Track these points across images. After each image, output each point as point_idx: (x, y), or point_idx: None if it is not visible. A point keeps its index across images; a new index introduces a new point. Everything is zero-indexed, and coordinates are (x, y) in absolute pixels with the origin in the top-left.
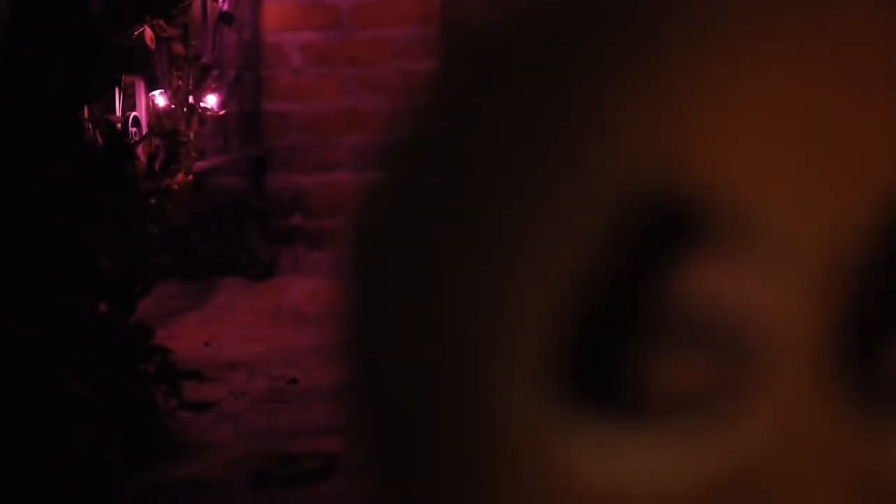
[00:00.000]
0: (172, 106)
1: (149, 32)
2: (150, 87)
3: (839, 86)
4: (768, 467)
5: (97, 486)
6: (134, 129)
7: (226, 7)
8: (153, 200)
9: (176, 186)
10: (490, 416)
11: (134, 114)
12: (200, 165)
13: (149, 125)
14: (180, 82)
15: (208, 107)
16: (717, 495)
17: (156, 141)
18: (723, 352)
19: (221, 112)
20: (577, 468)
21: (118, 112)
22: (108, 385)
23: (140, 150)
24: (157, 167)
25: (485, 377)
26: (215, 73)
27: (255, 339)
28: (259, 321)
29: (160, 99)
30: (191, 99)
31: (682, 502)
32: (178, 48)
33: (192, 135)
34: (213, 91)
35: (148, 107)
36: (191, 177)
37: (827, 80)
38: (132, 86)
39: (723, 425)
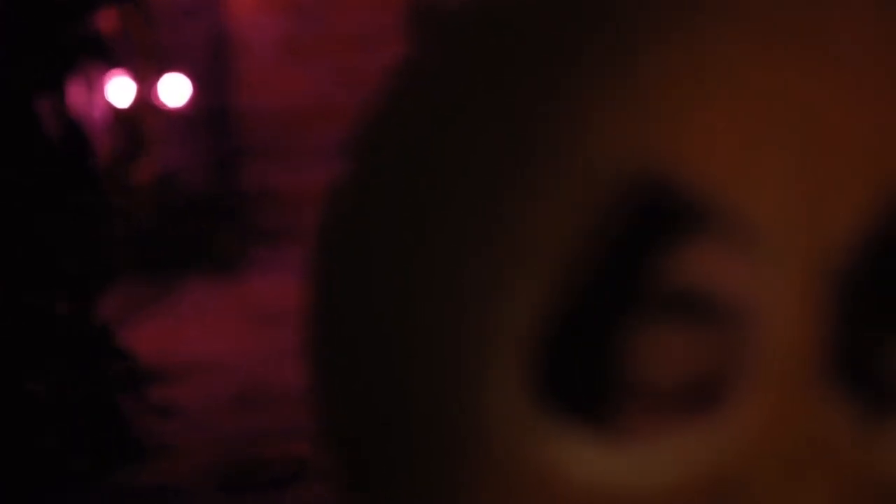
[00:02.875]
0: (135, 98)
1: (112, 19)
2: (112, 76)
3: (834, 83)
4: (757, 464)
5: (60, 491)
6: (96, 122)
7: None
8: (117, 197)
9: (140, 183)
10: (472, 416)
11: (97, 105)
12: (166, 161)
13: (111, 118)
14: (144, 73)
15: (174, 100)
16: (703, 493)
17: (118, 135)
18: (712, 343)
19: (187, 105)
20: (562, 468)
21: (77, 103)
22: (71, 387)
23: (102, 144)
24: (119, 162)
25: (466, 375)
26: (180, 64)
27: (223, 338)
28: (227, 320)
29: (122, 90)
30: (155, 91)
31: (669, 501)
32: (143, 36)
33: (155, 129)
34: (178, 83)
35: (109, 98)
36: (156, 173)
37: (820, 77)
38: (93, 75)
39: (710, 422)
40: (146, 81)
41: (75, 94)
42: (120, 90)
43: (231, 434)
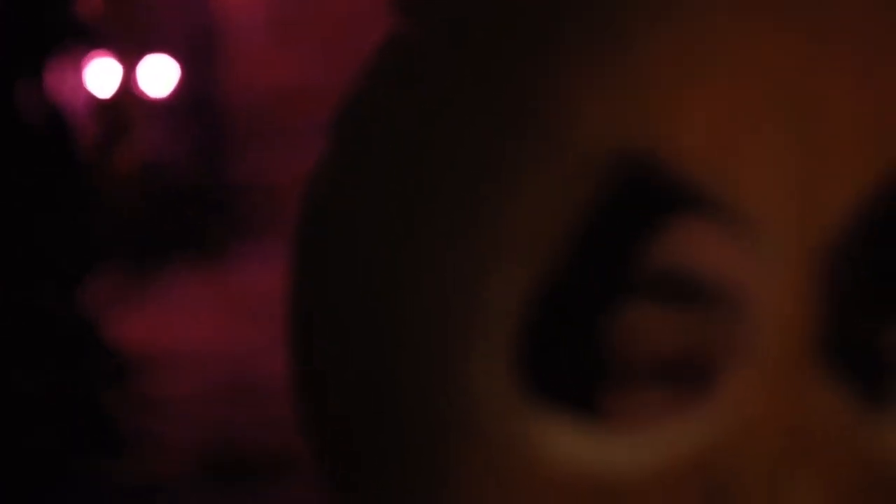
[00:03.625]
0: (119, 83)
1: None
2: (95, 60)
3: (829, 59)
4: (747, 448)
5: (45, 486)
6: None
7: None
8: (101, 185)
9: (124, 170)
10: (459, 401)
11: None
12: (151, 147)
13: (94, 103)
14: (128, 56)
15: (158, 84)
16: (691, 477)
17: (101, 121)
18: (700, 325)
19: (172, 89)
20: (548, 453)
21: (59, 89)
22: (53, 378)
23: (85, 130)
24: (103, 149)
25: (453, 360)
26: (165, 47)
27: (209, 329)
28: (213, 311)
29: (105, 74)
30: (139, 75)
31: (657, 484)
32: (126, 18)
33: (139, 114)
34: (163, 66)
35: (92, 83)
36: (141, 160)
37: (814, 53)
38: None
39: (698, 406)
40: (130, 65)
41: (56, 79)
42: (103, 74)
43: (217, 425)
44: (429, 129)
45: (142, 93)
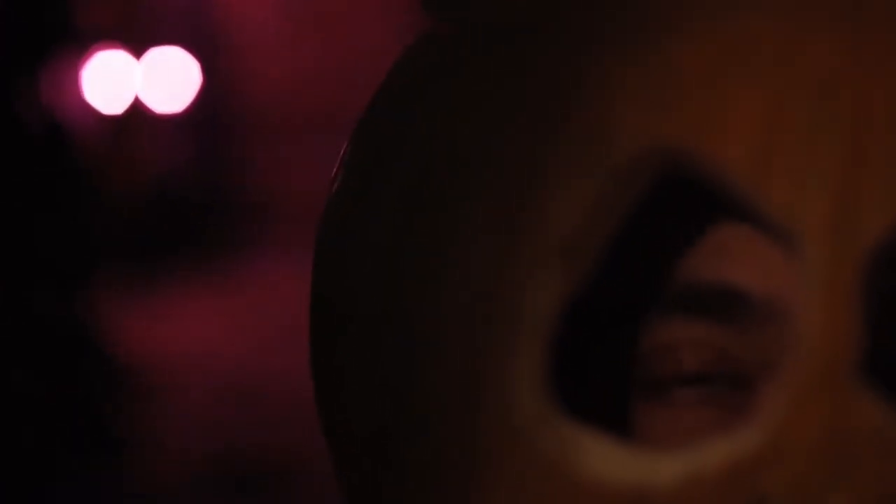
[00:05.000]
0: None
1: None
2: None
3: (880, 60)
4: (780, 460)
5: (40, 487)
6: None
7: None
8: (101, 186)
9: (127, 169)
10: (494, 409)
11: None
12: (156, 148)
13: (96, 102)
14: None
15: (163, 79)
16: (727, 488)
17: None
18: (737, 334)
19: (177, 85)
20: (577, 464)
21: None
22: (52, 380)
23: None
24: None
25: (489, 370)
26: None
27: (211, 331)
28: (215, 313)
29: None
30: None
31: (690, 496)
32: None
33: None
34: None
35: (93, 80)
36: (145, 160)
37: (865, 55)
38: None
39: (731, 419)
40: (136, 59)
41: (56, 78)
42: (104, 70)
43: (219, 428)
44: (464, 129)
45: (146, 86)
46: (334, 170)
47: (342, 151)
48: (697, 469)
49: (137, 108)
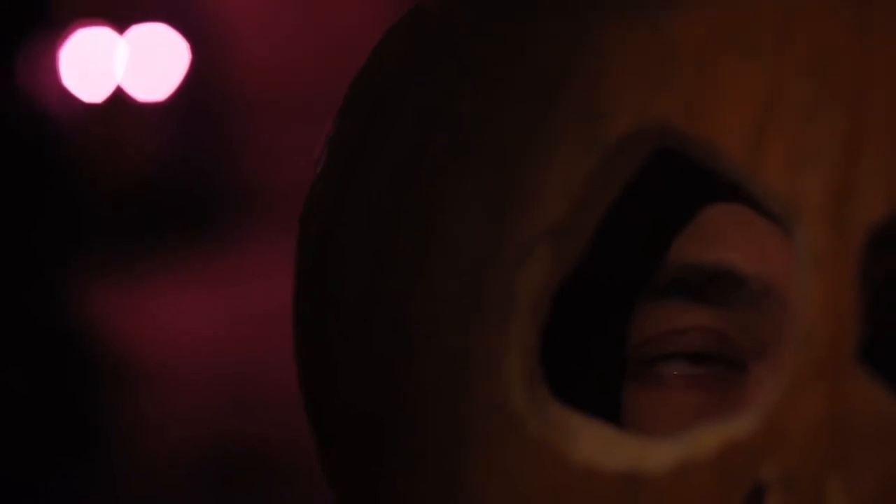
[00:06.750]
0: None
1: None
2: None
3: (884, 38)
4: (783, 444)
5: (28, 484)
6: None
7: None
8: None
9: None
10: (487, 392)
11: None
12: (145, 135)
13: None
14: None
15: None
16: (723, 471)
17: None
18: (733, 317)
19: (166, 65)
20: (568, 444)
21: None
22: (37, 372)
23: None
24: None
25: (475, 350)
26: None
27: (207, 330)
28: (202, 304)
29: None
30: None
31: (684, 479)
32: None
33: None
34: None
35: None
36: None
37: (868, 31)
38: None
39: (729, 399)
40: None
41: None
42: (85, 47)
43: (216, 428)
44: (455, 108)
45: (133, 74)
46: (318, 150)
47: (326, 131)
48: (692, 454)
49: (121, 94)
